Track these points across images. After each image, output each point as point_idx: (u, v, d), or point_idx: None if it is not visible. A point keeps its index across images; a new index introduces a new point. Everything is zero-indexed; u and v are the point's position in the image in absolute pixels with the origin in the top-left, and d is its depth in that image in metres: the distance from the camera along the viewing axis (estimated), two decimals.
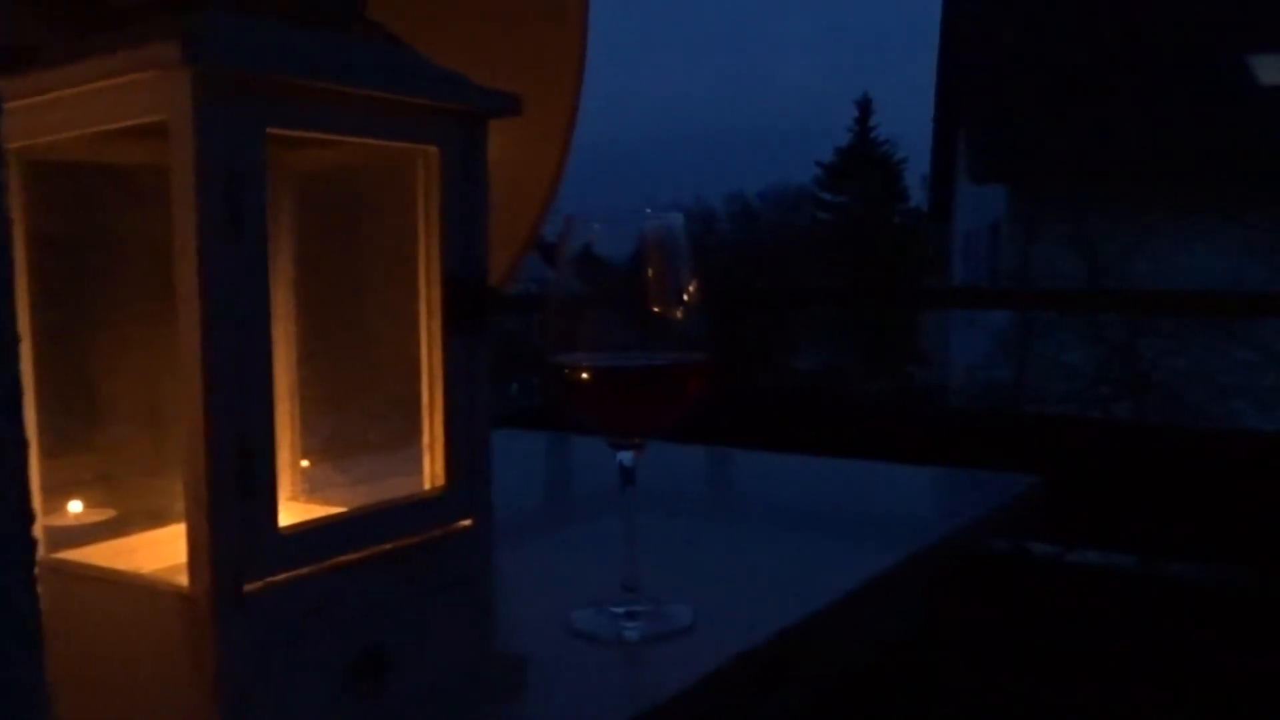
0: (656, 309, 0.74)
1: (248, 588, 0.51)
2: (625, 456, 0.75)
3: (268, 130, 0.51)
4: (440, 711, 0.61)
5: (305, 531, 0.54)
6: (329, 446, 0.71)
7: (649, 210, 0.75)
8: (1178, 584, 2.00)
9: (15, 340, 0.39)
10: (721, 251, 19.73)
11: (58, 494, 0.60)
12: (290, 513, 0.62)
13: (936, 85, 13.90)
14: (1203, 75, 10.47)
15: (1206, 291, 6.98)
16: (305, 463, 0.72)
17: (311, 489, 0.71)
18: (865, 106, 21.95)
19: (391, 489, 0.62)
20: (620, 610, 0.75)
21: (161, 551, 0.61)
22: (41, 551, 0.48)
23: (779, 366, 12.40)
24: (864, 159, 21.38)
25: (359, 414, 0.70)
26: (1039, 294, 6.69)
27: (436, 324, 0.61)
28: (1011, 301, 6.34)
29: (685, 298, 0.74)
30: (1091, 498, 2.19)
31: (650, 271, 0.74)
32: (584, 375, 0.71)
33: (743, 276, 15.01)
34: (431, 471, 0.61)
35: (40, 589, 0.40)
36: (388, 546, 0.58)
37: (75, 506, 0.62)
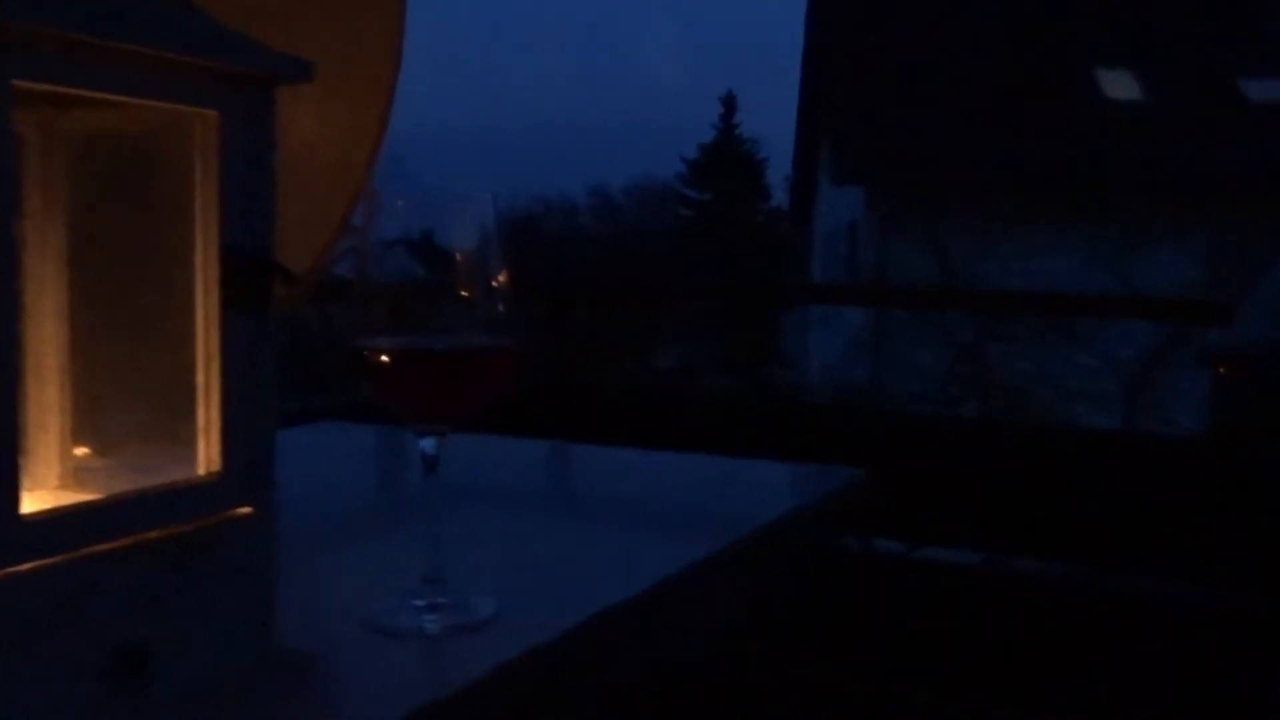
0: (463, 292, 0.73)
1: None
2: (428, 444, 0.73)
3: (19, 84, 0.49)
4: (212, 710, 0.59)
5: (53, 519, 0.52)
6: (105, 431, 0.68)
7: (456, 189, 0.74)
8: (1023, 579, 2.09)
9: None
10: (586, 245, 19.77)
11: None
12: (53, 501, 0.59)
13: (800, 86, 14.22)
14: (1053, 87, 11.00)
15: (1054, 293, 7.34)
16: (80, 450, 0.69)
17: (84, 476, 0.68)
18: (730, 104, 22.28)
19: (166, 475, 0.60)
20: (421, 603, 0.74)
21: None
22: None
23: (639, 364, 12.50)
24: (728, 157, 21.71)
25: (137, 396, 0.67)
26: (896, 292, 6.90)
27: (214, 301, 0.59)
28: (870, 298, 6.53)
29: (493, 281, 0.73)
30: (937, 494, 2.27)
31: (456, 253, 0.74)
32: (382, 359, 0.70)
33: (605, 271, 15.06)
34: (206, 457, 0.59)
35: None
36: (153, 535, 0.56)
37: None
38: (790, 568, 1.26)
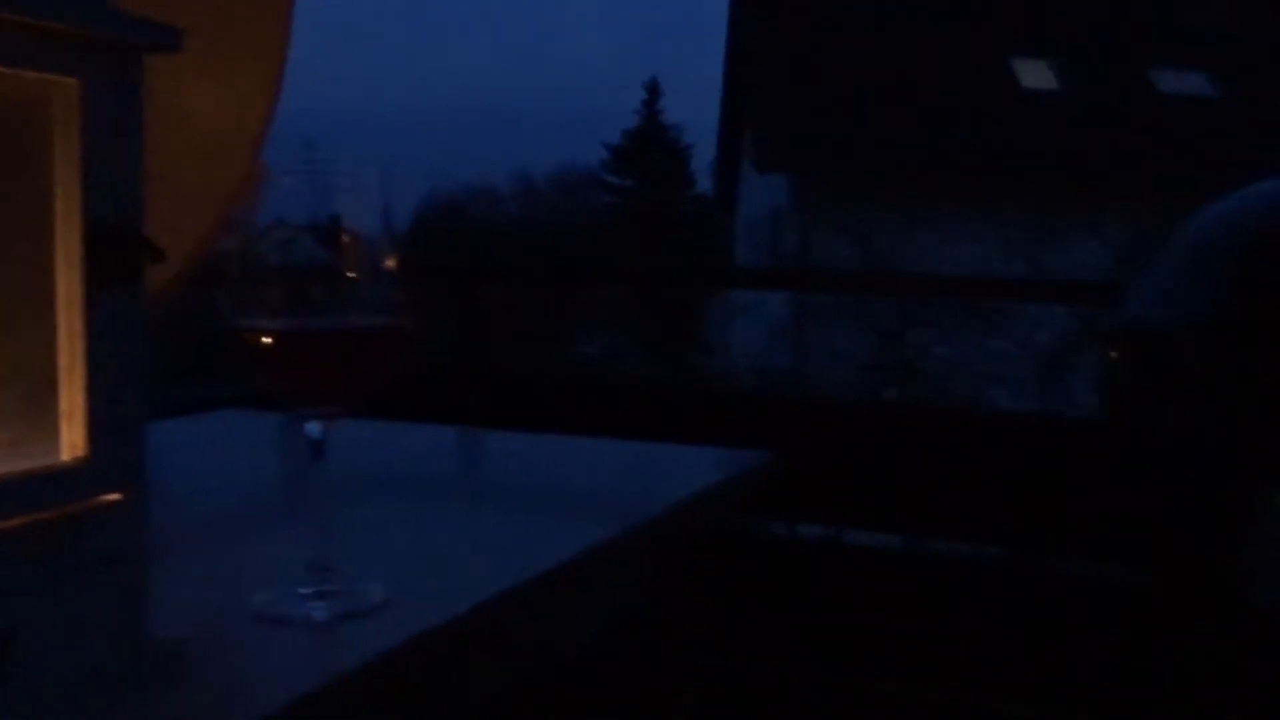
0: (349, 272, 0.72)
1: None
2: (313, 428, 0.72)
3: None
4: (80, 700, 0.57)
5: None
6: None
7: (344, 166, 0.72)
8: (940, 561, 2.13)
9: None
10: (509, 232, 19.64)
11: None
12: None
13: (724, 73, 14.27)
14: (972, 77, 11.19)
15: (974, 277, 7.48)
16: None
17: None
18: (653, 90, 22.29)
19: (29, 461, 0.57)
20: (308, 591, 0.73)
21: None
22: None
23: (561, 351, 12.46)
24: (651, 143, 21.72)
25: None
26: (815, 274, 6.97)
27: (77, 277, 0.56)
28: (791, 282, 6.59)
29: (382, 260, 0.72)
30: (858, 479, 2.29)
31: (344, 232, 0.72)
32: (262, 340, 0.68)
33: (521, 256, 14.99)
34: (71, 441, 0.57)
35: None
36: (15, 523, 0.54)
37: None
38: (703, 551, 1.27)
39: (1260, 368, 0.72)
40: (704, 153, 21.60)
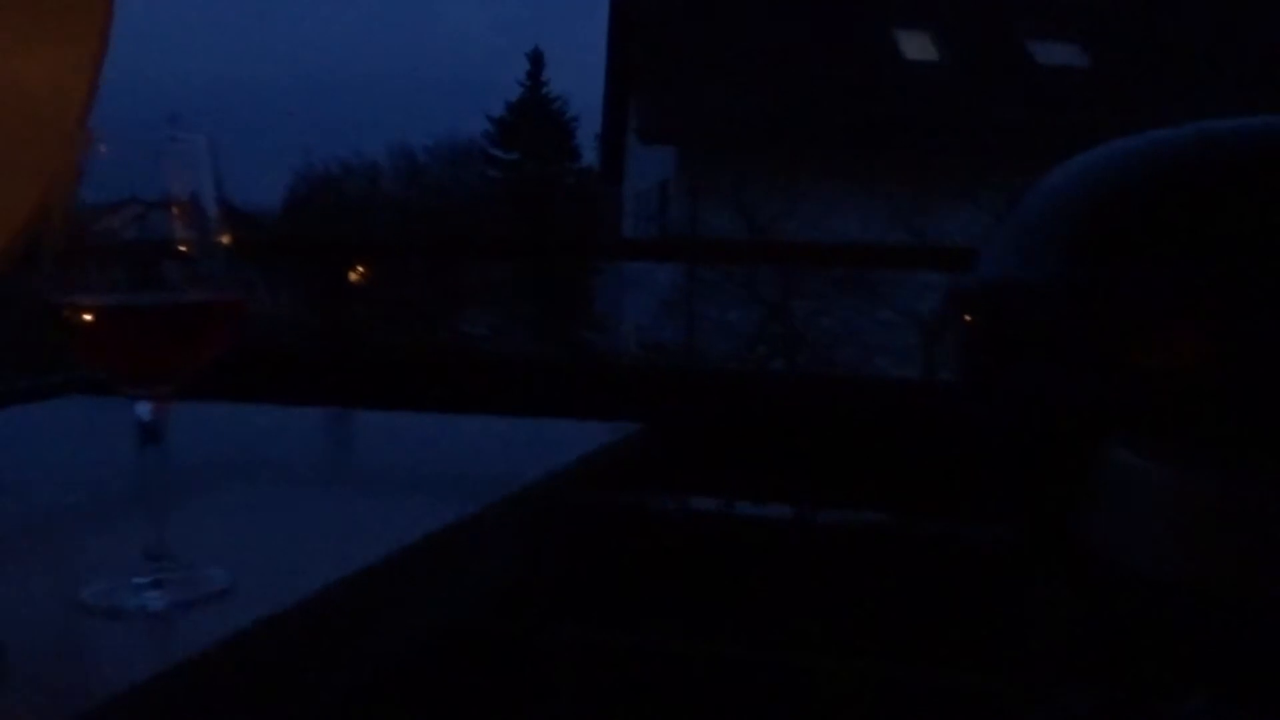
0: (178, 244, 0.69)
1: None
2: (143, 410, 0.70)
3: None
4: None
5: None
6: None
7: (169, 135, 0.70)
8: (828, 530, 2.16)
9: None
10: (388, 207, 19.30)
11: None
12: None
13: (607, 44, 14.23)
14: (855, 48, 11.38)
15: (853, 244, 7.63)
16: None
17: None
18: (537, 60, 22.12)
19: None
20: (144, 580, 0.71)
21: None
22: None
23: (444, 329, 12.34)
24: (536, 115, 21.56)
25: None
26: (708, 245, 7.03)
27: None
28: (681, 254, 6.63)
29: (210, 231, 0.70)
30: (747, 450, 2.32)
31: (171, 202, 0.70)
32: (83, 316, 0.66)
33: (408, 233, 14.76)
34: None
35: None
36: None
37: None
38: (591, 526, 1.27)
39: (1098, 324, 0.75)
40: (589, 125, 21.59)
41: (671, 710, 1.61)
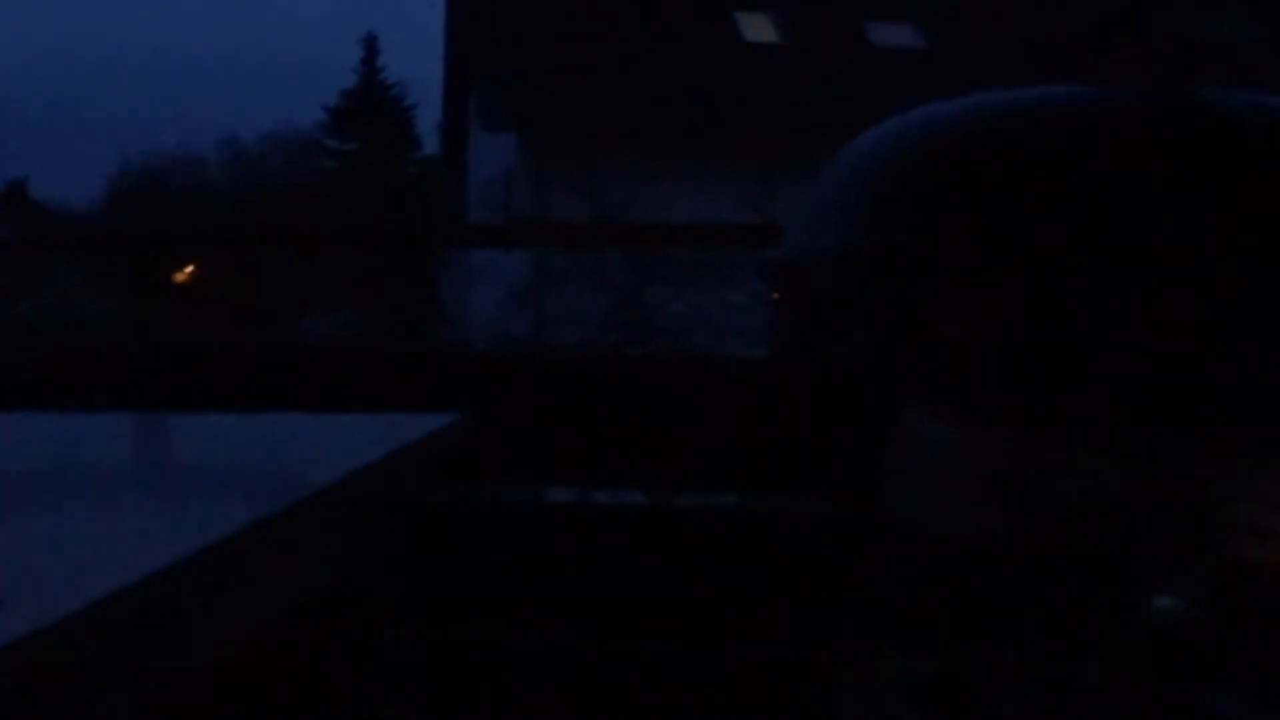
0: None
1: None
2: None
3: None
4: None
5: None
6: None
7: None
8: (679, 514, 2.19)
9: None
10: (218, 201, 18.63)
11: None
12: None
13: (445, 29, 14.04)
14: (697, 30, 11.51)
15: (703, 224, 7.73)
16: None
17: None
18: (372, 46, 21.69)
19: None
20: None
21: None
22: None
23: (282, 327, 12.02)
24: (373, 103, 21.14)
25: None
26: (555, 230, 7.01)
27: None
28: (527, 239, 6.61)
29: None
30: (596, 436, 2.32)
31: None
32: None
33: (239, 227, 14.28)
34: None
35: None
36: None
37: None
38: (433, 521, 1.25)
39: (891, 293, 0.79)
40: (429, 113, 21.24)
41: (508, 703, 1.61)
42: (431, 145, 20.09)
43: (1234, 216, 0.73)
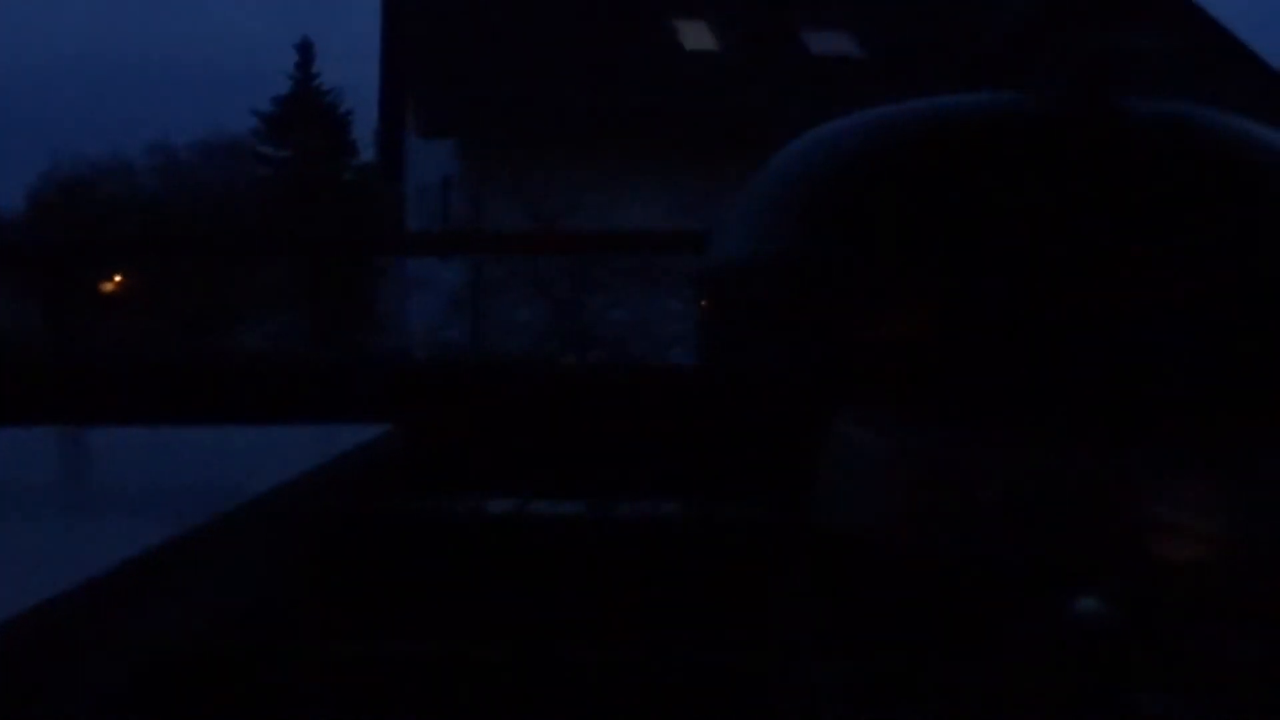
0: None
1: None
2: None
3: None
4: None
5: None
6: None
7: None
8: (621, 522, 2.18)
9: None
10: (147, 209, 18.32)
11: None
12: None
13: (381, 36, 13.95)
14: (635, 38, 11.54)
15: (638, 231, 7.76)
16: None
17: None
18: (307, 51, 21.46)
19: None
20: None
21: None
22: None
23: (221, 337, 11.86)
24: (308, 110, 20.92)
25: None
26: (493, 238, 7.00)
27: None
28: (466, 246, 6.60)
29: None
30: (533, 445, 2.30)
31: None
32: None
33: (168, 236, 14.07)
34: None
35: None
36: None
37: None
38: (369, 535, 1.24)
39: (818, 300, 0.79)
40: (366, 119, 21.07)
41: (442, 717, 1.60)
42: (368, 152, 19.93)
43: (1147, 222, 0.75)
